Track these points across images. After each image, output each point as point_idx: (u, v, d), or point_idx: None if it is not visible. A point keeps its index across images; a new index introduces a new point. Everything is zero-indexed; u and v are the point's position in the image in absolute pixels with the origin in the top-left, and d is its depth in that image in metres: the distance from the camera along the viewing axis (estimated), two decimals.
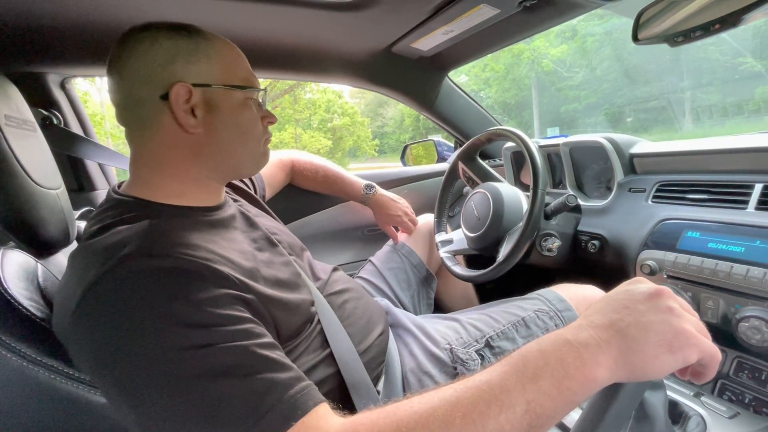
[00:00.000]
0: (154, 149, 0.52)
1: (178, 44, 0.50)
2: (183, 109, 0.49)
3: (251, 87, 0.55)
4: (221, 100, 0.52)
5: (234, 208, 0.61)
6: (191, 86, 0.49)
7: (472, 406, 0.32)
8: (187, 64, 0.50)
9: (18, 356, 0.40)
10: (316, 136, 13.03)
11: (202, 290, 0.39)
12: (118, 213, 0.48)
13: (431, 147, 1.72)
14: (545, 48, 13.25)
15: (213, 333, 0.37)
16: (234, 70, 0.54)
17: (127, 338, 0.36)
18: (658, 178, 0.87)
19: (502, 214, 0.92)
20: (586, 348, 0.33)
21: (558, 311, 0.78)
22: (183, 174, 0.53)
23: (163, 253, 0.41)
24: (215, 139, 0.52)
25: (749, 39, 8.60)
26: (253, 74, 0.57)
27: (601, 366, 0.32)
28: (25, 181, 0.49)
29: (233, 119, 0.53)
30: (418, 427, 0.32)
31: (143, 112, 0.50)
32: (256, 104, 0.57)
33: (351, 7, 0.91)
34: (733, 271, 0.64)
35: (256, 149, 0.57)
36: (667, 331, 0.33)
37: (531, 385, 0.32)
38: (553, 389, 0.32)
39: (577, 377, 0.32)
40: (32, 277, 0.49)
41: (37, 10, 0.77)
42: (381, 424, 0.33)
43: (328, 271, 0.74)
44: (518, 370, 0.33)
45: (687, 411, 0.59)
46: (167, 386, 0.35)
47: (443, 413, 0.32)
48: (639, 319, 0.33)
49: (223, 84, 0.52)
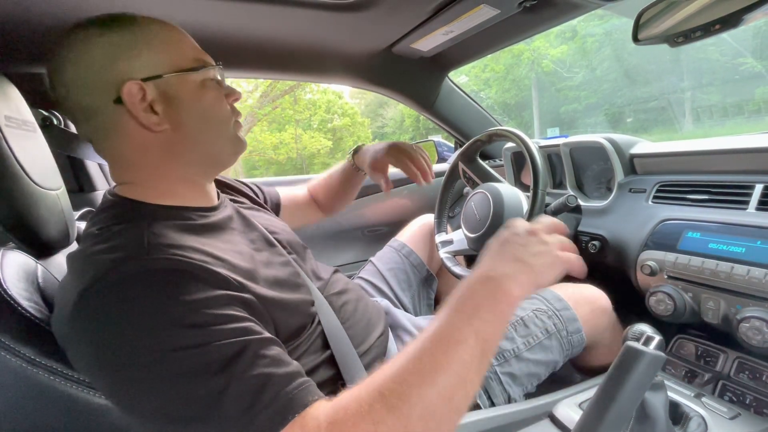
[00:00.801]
0: (129, 156, 0.49)
1: (113, 39, 0.46)
2: (142, 109, 0.46)
3: (205, 66, 0.51)
4: (178, 89, 0.48)
5: (231, 209, 0.60)
6: (141, 82, 0.46)
7: (435, 350, 0.38)
8: (129, 59, 0.46)
9: (18, 357, 0.40)
10: (317, 137, 13.01)
11: (197, 291, 0.39)
12: (113, 215, 0.48)
13: (431, 147, 1.72)
14: (545, 48, 13.24)
15: (208, 332, 0.37)
16: (181, 51, 0.50)
17: (123, 340, 0.36)
18: (659, 179, 0.87)
19: (502, 214, 0.92)
20: (505, 278, 0.42)
21: (556, 310, 0.78)
22: (168, 174, 0.51)
23: (158, 256, 0.41)
24: (184, 131, 0.49)
25: (749, 39, 8.59)
26: (203, 51, 0.53)
27: (516, 287, 0.42)
28: (25, 182, 0.49)
29: (196, 105, 0.50)
30: (395, 385, 0.36)
31: (102, 121, 0.47)
32: (216, 84, 0.52)
33: (351, 8, 0.91)
34: (734, 271, 0.64)
35: (227, 132, 0.54)
36: (547, 255, 0.45)
37: (474, 319, 0.40)
38: (491, 315, 0.40)
39: (504, 301, 0.41)
40: (32, 278, 0.49)
41: (37, 9, 0.77)
42: (365, 395, 0.36)
43: (330, 272, 0.73)
44: (461, 311, 0.40)
45: (688, 412, 0.59)
46: (163, 385, 0.35)
47: (413, 365, 0.37)
48: (529, 251, 0.45)
49: (174, 70, 0.48)
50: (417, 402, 0.35)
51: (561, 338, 0.76)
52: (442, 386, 0.36)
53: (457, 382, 0.37)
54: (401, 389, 0.35)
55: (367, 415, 0.34)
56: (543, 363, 0.74)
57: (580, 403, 0.63)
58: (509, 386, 0.69)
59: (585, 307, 0.81)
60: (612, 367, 0.43)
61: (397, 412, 0.34)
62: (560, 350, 0.75)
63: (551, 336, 0.75)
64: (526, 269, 0.44)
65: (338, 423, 0.34)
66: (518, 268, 0.43)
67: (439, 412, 0.36)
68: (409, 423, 0.34)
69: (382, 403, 0.35)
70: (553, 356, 0.75)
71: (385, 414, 0.34)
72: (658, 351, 0.42)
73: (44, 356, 0.41)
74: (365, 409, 0.35)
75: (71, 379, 0.42)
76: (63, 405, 0.42)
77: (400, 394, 0.35)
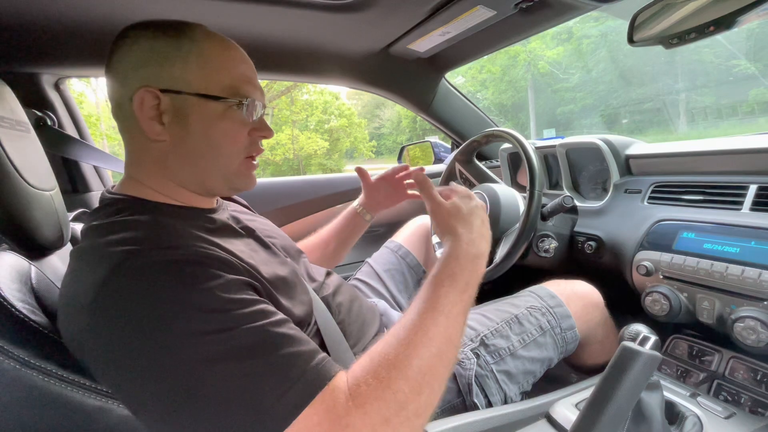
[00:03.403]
0: (132, 152, 0.51)
1: (156, 45, 0.47)
2: (149, 116, 0.47)
3: (232, 98, 0.49)
4: (193, 109, 0.48)
5: (228, 213, 0.60)
6: (159, 91, 0.47)
7: (427, 318, 0.44)
8: (159, 68, 0.47)
9: (11, 359, 0.40)
10: (313, 138, 13.01)
11: (214, 278, 0.40)
12: (118, 210, 0.48)
13: (428, 148, 1.72)
14: (541, 50, 13.31)
15: (231, 316, 0.38)
16: (216, 76, 0.49)
17: (150, 327, 0.36)
18: (654, 179, 0.88)
19: (498, 215, 0.92)
20: (478, 256, 0.53)
21: (550, 307, 0.79)
22: (160, 178, 0.51)
23: (172, 245, 0.42)
24: (181, 149, 0.49)
25: (743, 41, 8.67)
26: (251, 82, 0.52)
27: (483, 260, 0.53)
28: (19, 183, 0.48)
29: (203, 131, 0.49)
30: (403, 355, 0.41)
31: (121, 112, 0.49)
32: (242, 117, 0.51)
33: (348, 9, 0.91)
34: (729, 271, 0.65)
35: (227, 167, 0.52)
36: (486, 220, 0.59)
37: (463, 293, 0.48)
38: (473, 288, 0.50)
39: (479, 272, 0.52)
40: (25, 279, 0.48)
41: (31, 9, 0.76)
42: (379, 368, 0.40)
43: (323, 273, 0.73)
44: (454, 286, 0.48)
45: (683, 411, 0.59)
46: (195, 371, 0.36)
47: (415, 334, 0.43)
48: (477, 227, 0.56)
49: (197, 92, 0.48)
50: (422, 364, 0.40)
51: (555, 335, 0.76)
52: (437, 348, 0.42)
53: (448, 343, 0.44)
54: (410, 359, 0.40)
55: (387, 388, 0.38)
56: (538, 360, 0.74)
57: (576, 404, 0.63)
58: (505, 384, 0.70)
59: (577, 302, 0.81)
60: (608, 367, 0.43)
61: (409, 377, 0.39)
62: (555, 347, 0.76)
63: (545, 333, 0.76)
64: (483, 240, 0.55)
65: (362, 397, 0.37)
66: (479, 240, 0.54)
67: (436, 370, 0.42)
68: (417, 384, 0.39)
69: (397, 372, 0.39)
70: (548, 353, 0.75)
71: (401, 382, 0.39)
72: (654, 351, 0.43)
73: (38, 358, 0.41)
74: (385, 383, 0.39)
75: (66, 381, 0.41)
76: (57, 407, 0.42)
77: (409, 360, 0.40)
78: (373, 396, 0.38)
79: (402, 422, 0.38)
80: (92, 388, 0.42)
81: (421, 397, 0.40)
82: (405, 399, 0.38)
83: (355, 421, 0.36)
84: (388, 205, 0.93)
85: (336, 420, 0.36)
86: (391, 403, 0.38)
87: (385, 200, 0.92)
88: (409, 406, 0.39)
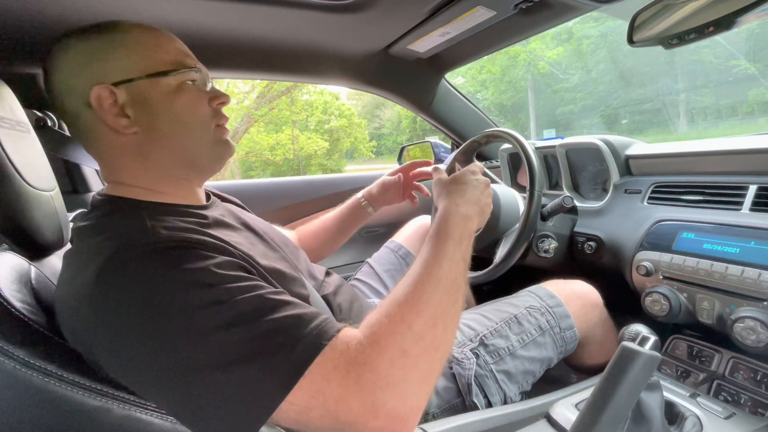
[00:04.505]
0: (108, 157, 0.51)
1: (90, 45, 0.47)
2: (112, 113, 0.47)
3: (180, 69, 0.50)
4: (150, 92, 0.48)
5: (223, 208, 0.60)
6: (112, 86, 0.47)
7: (434, 264, 0.47)
8: (102, 64, 0.47)
9: (11, 359, 0.40)
10: (313, 138, 13.00)
11: (208, 258, 0.41)
12: (108, 212, 0.48)
13: (428, 149, 1.72)
14: (541, 50, 13.31)
15: (229, 289, 0.39)
16: (158, 55, 0.49)
17: (152, 307, 0.37)
18: (654, 180, 0.88)
19: (498, 215, 0.92)
20: (467, 218, 0.57)
21: (549, 307, 0.79)
22: (144, 173, 0.51)
23: (165, 235, 0.43)
24: (154, 134, 0.49)
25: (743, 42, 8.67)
26: (188, 54, 0.52)
27: (473, 223, 0.58)
28: (19, 183, 0.48)
29: (167, 109, 0.49)
30: (415, 295, 0.43)
31: (82, 124, 0.49)
32: (196, 87, 0.52)
33: (348, 9, 0.91)
34: (728, 271, 0.65)
35: (204, 137, 0.52)
36: (488, 196, 0.66)
37: (460, 244, 0.52)
38: (467, 241, 0.54)
39: (470, 230, 0.56)
40: (25, 280, 0.48)
41: (31, 9, 0.76)
42: (392, 309, 0.42)
43: (322, 272, 0.73)
44: (450, 238, 0.52)
45: (683, 411, 0.59)
46: (200, 342, 0.36)
47: (425, 277, 0.45)
48: (470, 195, 0.62)
49: (146, 74, 0.48)
50: (432, 299, 0.43)
51: (554, 335, 0.76)
52: (444, 287, 0.45)
53: (454, 284, 0.47)
54: (420, 296, 0.43)
55: (401, 322, 0.40)
56: (537, 360, 0.74)
57: (576, 404, 0.63)
58: (505, 384, 0.70)
59: (576, 302, 0.81)
60: (608, 367, 0.43)
61: (422, 311, 0.41)
62: (554, 347, 0.76)
63: (545, 333, 0.76)
64: (477, 208, 0.61)
65: (375, 335, 0.39)
66: (476, 210, 0.61)
67: (447, 308, 0.44)
68: (431, 317, 0.41)
69: (409, 308, 0.41)
70: (547, 353, 0.75)
71: (413, 316, 0.41)
72: (654, 351, 0.43)
73: (38, 358, 0.41)
74: (397, 318, 0.40)
75: (66, 381, 0.41)
76: (57, 407, 0.42)
77: (419, 297, 0.43)
78: (387, 331, 0.39)
79: (421, 354, 0.39)
80: (92, 388, 0.42)
81: (437, 330, 0.41)
82: (420, 330, 0.40)
83: (371, 357, 0.37)
84: (393, 201, 0.96)
85: (351, 360, 0.37)
86: (406, 335, 0.39)
87: (394, 197, 0.95)
88: (425, 337, 0.40)
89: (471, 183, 0.64)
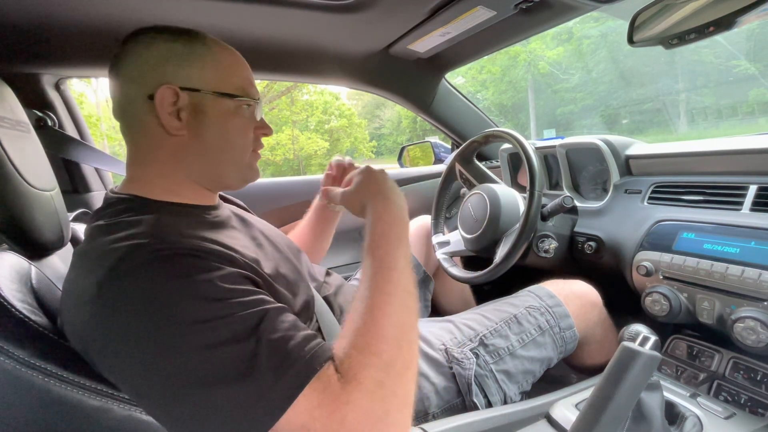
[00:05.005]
0: (142, 148, 0.52)
1: (174, 47, 0.51)
2: (168, 111, 0.49)
3: (244, 97, 0.54)
4: (209, 106, 0.52)
5: (229, 210, 0.61)
6: (178, 89, 0.49)
7: (385, 279, 0.46)
8: (178, 67, 0.50)
9: (11, 359, 0.40)
10: (314, 138, 13.01)
11: (214, 269, 0.41)
12: (121, 210, 0.49)
13: (428, 149, 1.72)
14: (541, 50, 13.31)
15: (229, 304, 0.39)
16: (228, 77, 0.53)
17: (154, 317, 0.37)
18: (654, 180, 0.88)
19: (499, 215, 0.92)
20: (399, 206, 0.54)
21: (548, 307, 0.79)
22: (171, 173, 0.53)
23: (174, 241, 0.43)
24: (198, 143, 0.52)
25: (743, 42, 8.67)
26: (253, 84, 0.57)
27: (403, 209, 0.55)
28: (19, 183, 0.49)
29: (219, 126, 0.53)
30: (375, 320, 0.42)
31: (133, 110, 0.51)
32: (249, 114, 0.56)
33: (348, 9, 0.91)
34: (729, 272, 0.65)
35: (240, 160, 0.56)
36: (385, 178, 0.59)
37: (399, 247, 0.50)
38: (404, 238, 0.52)
39: (405, 221, 0.54)
40: (25, 280, 0.48)
41: (31, 9, 0.76)
42: (358, 340, 0.41)
43: (323, 273, 0.74)
44: (390, 243, 0.50)
45: (683, 412, 0.59)
46: (196, 356, 0.37)
47: (379, 297, 0.44)
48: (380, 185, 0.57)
49: (213, 90, 0.51)
50: (392, 320, 0.43)
51: (554, 335, 0.76)
52: (399, 300, 0.44)
53: (406, 293, 0.46)
54: (379, 320, 0.42)
55: (369, 353, 0.40)
56: (537, 360, 0.74)
57: (576, 404, 0.63)
58: (505, 384, 0.70)
59: (575, 302, 0.81)
60: (608, 367, 0.43)
61: (386, 336, 0.41)
62: (554, 347, 0.76)
63: (544, 333, 0.76)
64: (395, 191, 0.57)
65: (350, 369, 0.39)
66: (393, 191, 0.57)
67: (406, 321, 0.44)
68: (395, 339, 0.42)
69: (371, 335, 0.41)
70: (547, 353, 0.75)
71: (379, 343, 0.41)
72: (654, 351, 0.43)
73: (38, 358, 0.41)
74: (365, 349, 0.40)
75: (66, 381, 0.41)
76: (57, 407, 0.42)
77: (378, 321, 0.42)
78: (360, 365, 0.39)
79: (394, 379, 0.39)
80: (92, 388, 0.42)
81: (403, 351, 0.42)
82: (389, 357, 0.40)
83: (353, 395, 0.37)
84: None
85: (335, 399, 0.37)
86: (378, 365, 0.39)
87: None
88: (396, 362, 0.40)
89: (368, 178, 0.59)
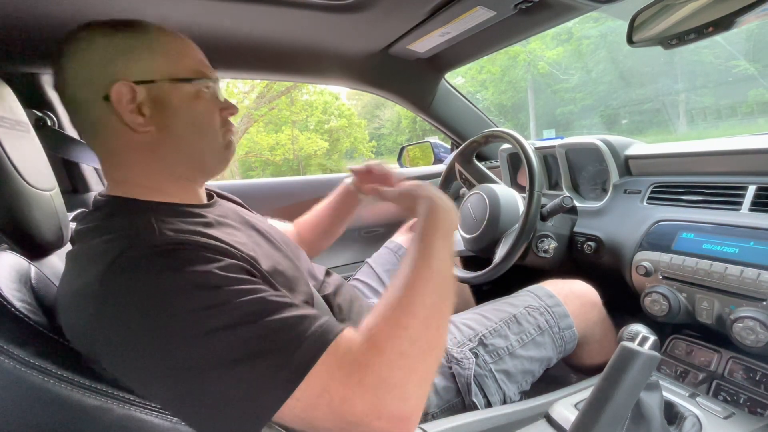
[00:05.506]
0: (115, 152, 0.51)
1: (116, 41, 0.48)
2: (128, 109, 0.48)
3: (201, 78, 0.52)
4: (170, 96, 0.50)
5: (226, 207, 0.61)
6: (133, 84, 0.47)
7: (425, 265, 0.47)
8: (127, 62, 0.48)
9: (10, 358, 0.40)
10: (313, 138, 13.01)
11: (212, 261, 0.41)
12: (110, 212, 0.48)
13: (428, 149, 1.73)
14: (541, 50, 13.31)
15: (231, 291, 0.40)
16: (181, 62, 0.51)
17: (155, 308, 0.37)
18: (653, 180, 0.88)
19: (498, 215, 0.92)
20: (447, 209, 0.55)
21: (548, 306, 0.79)
22: (154, 173, 0.51)
23: (172, 236, 0.43)
24: (169, 135, 0.50)
25: (742, 42, 8.67)
26: (207, 65, 0.54)
27: (453, 213, 0.57)
28: (19, 183, 0.48)
29: (185, 114, 0.51)
30: (409, 298, 0.44)
31: (93, 115, 0.49)
32: (211, 96, 0.54)
33: (348, 9, 0.91)
34: (728, 272, 0.65)
35: (215, 142, 0.54)
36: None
37: (446, 239, 0.52)
38: (451, 235, 0.54)
39: (453, 222, 0.56)
40: (25, 279, 0.48)
41: (31, 9, 0.76)
42: (387, 312, 0.43)
43: (323, 272, 0.74)
44: (437, 235, 0.51)
45: (683, 411, 0.59)
46: (201, 343, 0.37)
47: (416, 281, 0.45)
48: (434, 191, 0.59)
49: (169, 78, 0.49)
50: (425, 301, 0.44)
51: (553, 334, 0.76)
52: (436, 286, 0.46)
53: (445, 282, 0.47)
54: (413, 298, 0.44)
55: (397, 325, 0.41)
56: (537, 360, 0.74)
57: (575, 404, 0.63)
58: (504, 384, 0.70)
59: (575, 301, 0.81)
60: (607, 367, 0.43)
61: (416, 314, 0.42)
62: (553, 346, 0.76)
63: (544, 332, 0.76)
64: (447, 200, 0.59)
65: (375, 338, 0.40)
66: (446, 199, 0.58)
67: (439, 307, 0.45)
68: (425, 318, 0.42)
69: (403, 311, 0.42)
70: (547, 353, 0.75)
71: (408, 319, 0.42)
72: (653, 351, 0.43)
73: (37, 357, 0.41)
74: (393, 321, 0.41)
75: (65, 380, 0.41)
76: (57, 406, 0.42)
77: (412, 299, 0.43)
78: (386, 335, 0.40)
79: (417, 355, 0.40)
80: (92, 387, 0.42)
81: (430, 331, 0.43)
82: (416, 333, 0.41)
83: (372, 360, 0.38)
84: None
85: (354, 361, 0.38)
86: (403, 338, 0.40)
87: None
88: (420, 339, 0.41)
89: (420, 183, 0.62)
